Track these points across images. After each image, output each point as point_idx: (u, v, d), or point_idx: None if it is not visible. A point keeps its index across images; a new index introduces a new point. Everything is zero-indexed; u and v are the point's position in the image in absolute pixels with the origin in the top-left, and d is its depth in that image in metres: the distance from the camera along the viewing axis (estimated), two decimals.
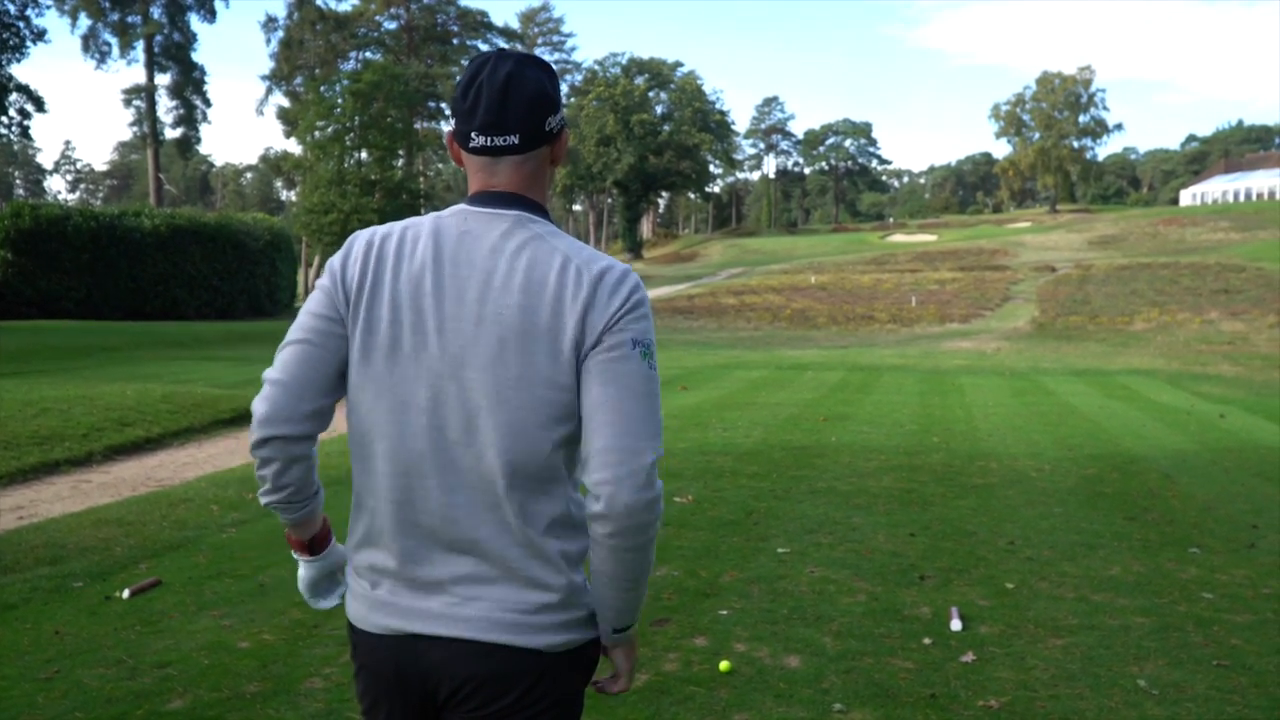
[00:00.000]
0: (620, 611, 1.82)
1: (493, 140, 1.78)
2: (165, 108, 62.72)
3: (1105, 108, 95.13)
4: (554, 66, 1.93)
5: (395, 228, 1.83)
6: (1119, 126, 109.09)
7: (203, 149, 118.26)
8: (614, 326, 1.73)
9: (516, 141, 1.78)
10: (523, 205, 1.81)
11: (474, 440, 1.73)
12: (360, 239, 1.83)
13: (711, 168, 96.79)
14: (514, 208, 1.80)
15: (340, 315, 1.79)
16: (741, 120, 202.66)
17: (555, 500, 1.78)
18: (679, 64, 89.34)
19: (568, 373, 1.73)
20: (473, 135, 1.79)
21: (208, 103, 64.52)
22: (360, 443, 1.81)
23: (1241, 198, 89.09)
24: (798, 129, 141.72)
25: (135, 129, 64.99)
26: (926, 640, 4.78)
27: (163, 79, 61.81)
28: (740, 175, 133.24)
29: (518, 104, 1.76)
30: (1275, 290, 34.95)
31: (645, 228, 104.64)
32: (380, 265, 1.77)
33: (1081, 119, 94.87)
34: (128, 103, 63.45)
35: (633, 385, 1.73)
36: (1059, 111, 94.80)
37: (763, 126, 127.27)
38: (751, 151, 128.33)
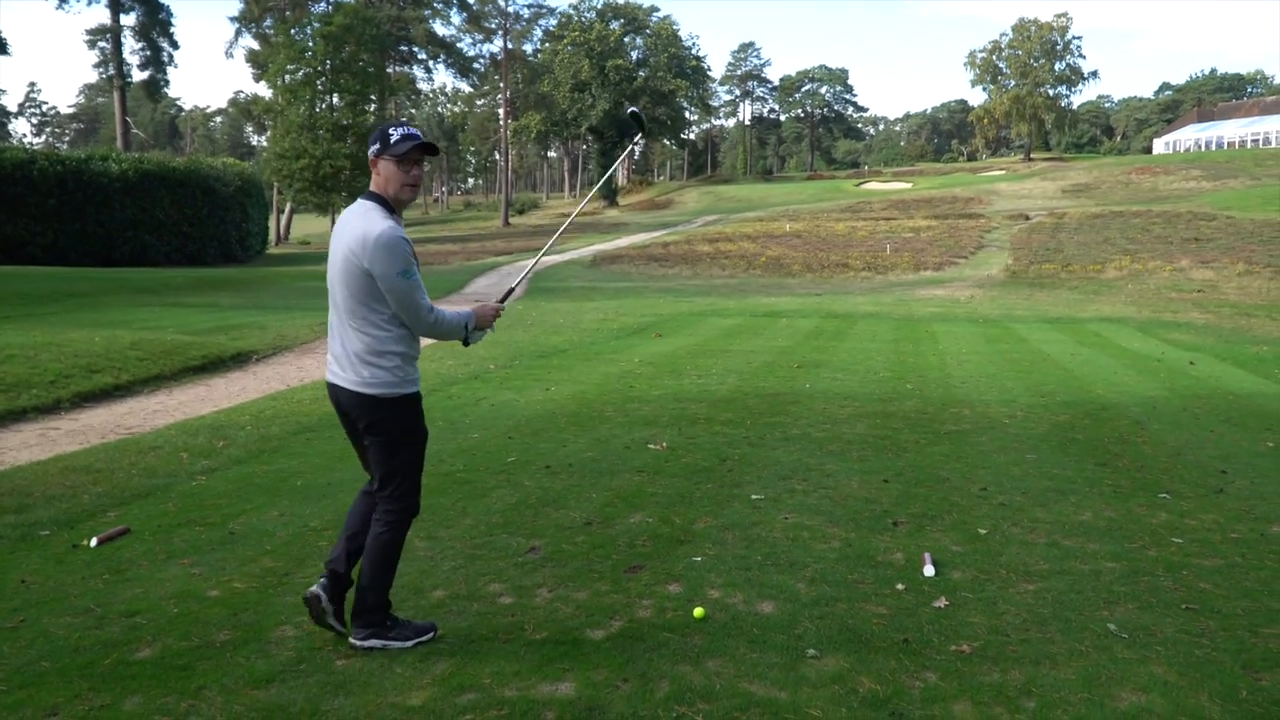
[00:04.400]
0: (454, 334, 4.02)
1: None
2: (130, 49, 61.42)
3: (1081, 55, 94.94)
4: (528, 11, 2.18)
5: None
6: (1094, 74, 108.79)
7: (171, 92, 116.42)
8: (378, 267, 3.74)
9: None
10: (366, 196, 3.91)
11: (339, 309, 3.88)
12: None
13: (687, 114, 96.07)
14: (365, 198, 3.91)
15: None
16: (717, 66, 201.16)
17: (370, 333, 3.82)
18: (655, 8, 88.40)
19: (374, 282, 3.75)
20: None
21: (174, 44, 63.17)
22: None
23: (1213, 146, 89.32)
24: (774, 75, 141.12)
25: (100, 71, 63.71)
26: (899, 586, 4.79)
27: (128, 20, 60.45)
28: (716, 122, 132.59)
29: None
30: (1244, 239, 35.15)
31: (620, 174, 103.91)
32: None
33: (1057, 66, 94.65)
34: (92, 44, 62.28)
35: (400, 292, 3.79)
36: (1035, 59, 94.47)
37: (738, 73, 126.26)
38: (727, 98, 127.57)
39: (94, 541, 5.36)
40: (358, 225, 3.72)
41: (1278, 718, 3.52)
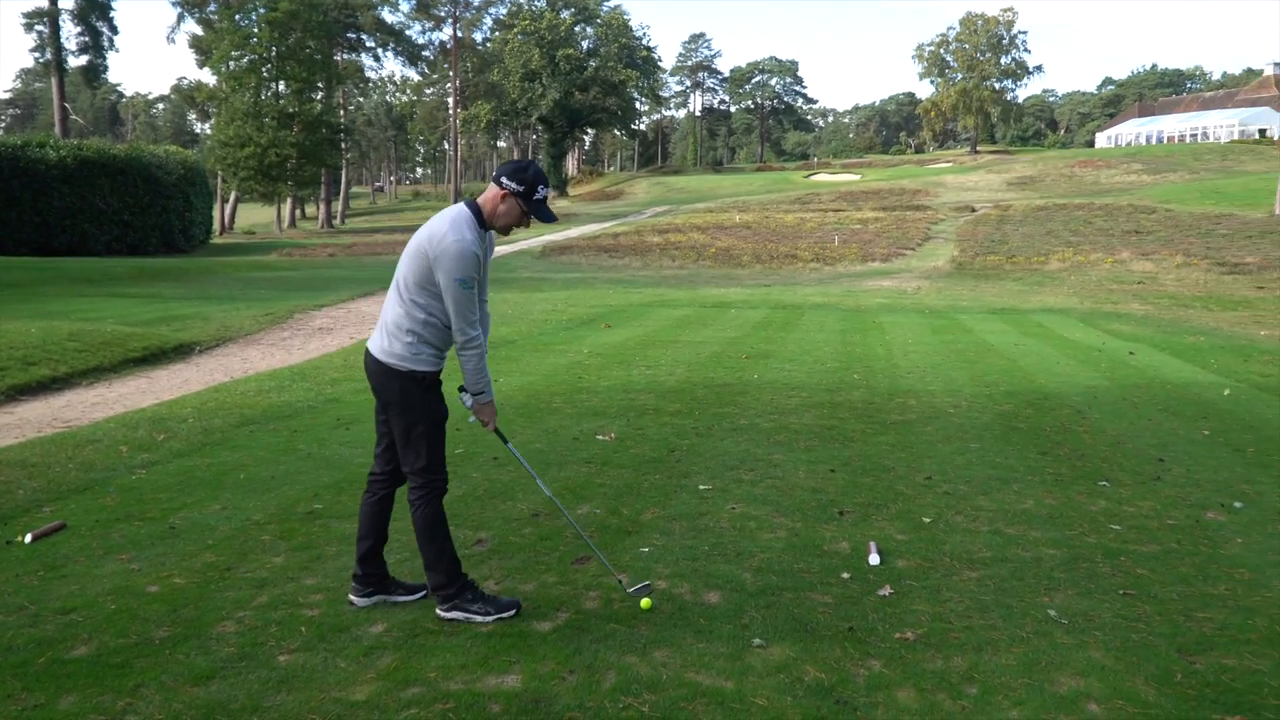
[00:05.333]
0: (467, 379, 4.33)
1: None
2: (68, 33, 60.01)
3: (1026, 49, 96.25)
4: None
5: None
6: (1039, 68, 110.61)
7: (111, 78, 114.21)
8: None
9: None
10: (470, 204, 4.23)
11: (394, 283, 4.21)
12: None
13: (637, 105, 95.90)
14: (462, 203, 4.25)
15: None
16: (668, 57, 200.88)
17: (404, 309, 4.14)
18: None
19: (431, 273, 4.08)
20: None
21: (114, 29, 61.81)
22: None
23: (1154, 141, 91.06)
24: (724, 66, 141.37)
25: (38, 55, 62.16)
26: (845, 575, 4.83)
27: (66, 3, 59.05)
28: (666, 113, 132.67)
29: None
30: (1183, 232, 35.84)
31: (570, 165, 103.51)
32: None
33: (1003, 60, 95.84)
34: (29, 27, 60.55)
35: (455, 297, 4.08)
36: (981, 53, 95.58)
37: (689, 63, 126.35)
38: (678, 89, 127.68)
39: (29, 538, 5.25)
40: (445, 224, 4.08)
41: (1210, 700, 3.60)
